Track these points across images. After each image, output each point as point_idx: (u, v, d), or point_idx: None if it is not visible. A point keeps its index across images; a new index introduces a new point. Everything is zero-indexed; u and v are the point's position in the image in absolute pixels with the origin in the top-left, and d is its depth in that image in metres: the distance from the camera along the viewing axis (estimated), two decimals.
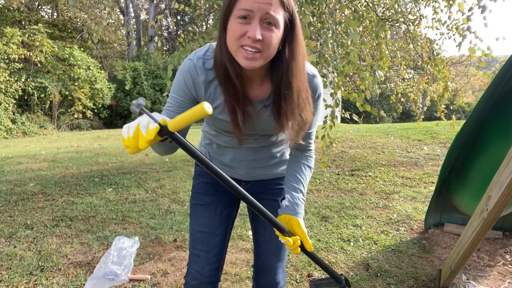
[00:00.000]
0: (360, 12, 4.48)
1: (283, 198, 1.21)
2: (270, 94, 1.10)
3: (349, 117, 4.30)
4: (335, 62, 3.77)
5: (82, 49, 14.54)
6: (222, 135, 1.22)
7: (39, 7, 20.21)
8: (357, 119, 4.23)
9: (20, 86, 12.11)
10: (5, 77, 11.65)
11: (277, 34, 0.96)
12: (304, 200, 1.20)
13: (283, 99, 1.04)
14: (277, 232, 1.09)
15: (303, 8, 3.28)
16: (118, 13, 22.43)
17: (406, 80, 7.50)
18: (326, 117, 4.07)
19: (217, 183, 1.31)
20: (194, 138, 7.74)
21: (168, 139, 0.84)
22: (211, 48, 1.09)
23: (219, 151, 1.28)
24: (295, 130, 1.09)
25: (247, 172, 1.30)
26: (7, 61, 11.86)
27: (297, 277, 2.32)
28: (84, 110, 14.36)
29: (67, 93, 13.54)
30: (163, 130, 0.80)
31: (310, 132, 1.21)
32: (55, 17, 20.57)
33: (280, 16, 0.95)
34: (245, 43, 0.94)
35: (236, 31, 0.94)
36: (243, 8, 0.92)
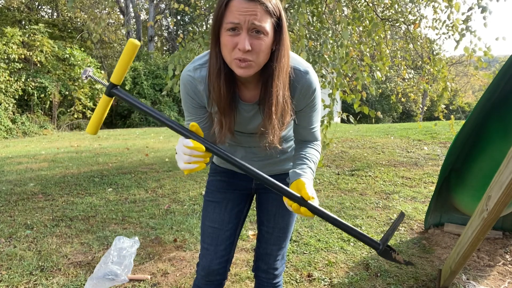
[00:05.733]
0: (360, 12, 4.48)
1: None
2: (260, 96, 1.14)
3: (345, 118, 4.30)
4: (334, 63, 3.76)
5: (82, 49, 14.54)
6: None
7: (39, 7, 20.22)
8: (352, 121, 4.22)
9: (20, 86, 12.09)
10: (5, 77, 11.63)
11: (266, 41, 1.00)
12: (312, 171, 1.17)
13: (267, 99, 1.08)
14: (285, 199, 1.05)
15: (300, 8, 3.27)
16: (118, 13, 22.43)
17: (406, 80, 7.51)
18: (323, 117, 4.06)
19: (230, 180, 1.38)
20: None
21: None
22: (208, 56, 1.13)
23: (231, 149, 1.35)
24: (275, 130, 1.12)
25: (258, 168, 1.33)
26: (7, 61, 11.84)
27: (297, 277, 2.32)
28: (84, 110, 14.33)
29: (67, 93, 13.51)
30: (109, 87, 1.03)
31: (313, 128, 1.23)
32: (55, 17, 20.58)
33: (267, 24, 0.99)
34: (237, 56, 0.99)
35: (227, 44, 0.99)
36: (230, 21, 0.97)
